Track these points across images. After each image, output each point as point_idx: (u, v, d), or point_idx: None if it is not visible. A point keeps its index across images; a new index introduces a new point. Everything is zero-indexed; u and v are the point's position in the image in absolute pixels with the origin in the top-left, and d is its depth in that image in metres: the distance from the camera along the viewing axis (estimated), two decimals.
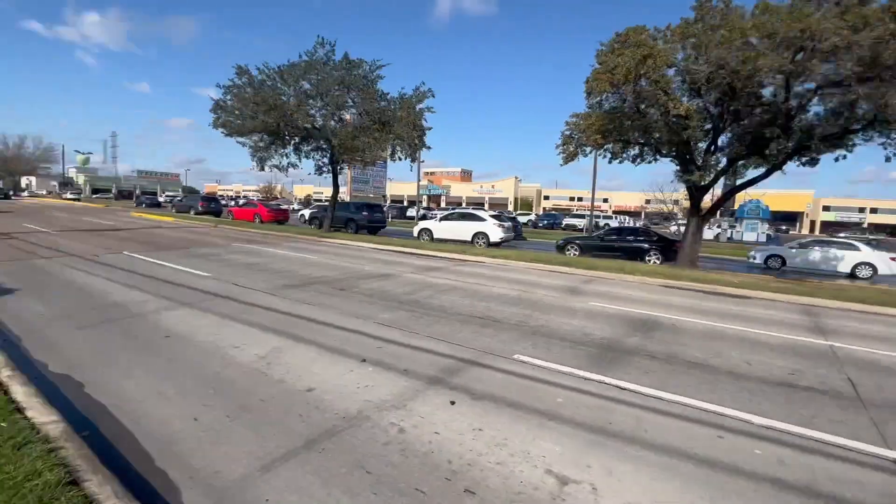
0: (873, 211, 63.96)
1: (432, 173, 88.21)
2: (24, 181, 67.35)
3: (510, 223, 19.41)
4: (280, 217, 26.96)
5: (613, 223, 35.19)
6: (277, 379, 3.84)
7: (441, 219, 19.01)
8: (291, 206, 33.56)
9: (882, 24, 8.15)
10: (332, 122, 18.79)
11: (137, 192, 53.77)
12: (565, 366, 4.44)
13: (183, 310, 5.93)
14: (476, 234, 17.61)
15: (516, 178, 79.64)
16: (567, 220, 40.25)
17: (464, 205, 72.39)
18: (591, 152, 15.16)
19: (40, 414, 2.85)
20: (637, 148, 14.09)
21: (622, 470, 2.75)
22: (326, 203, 28.12)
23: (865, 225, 56.35)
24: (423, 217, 35.40)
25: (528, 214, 40.12)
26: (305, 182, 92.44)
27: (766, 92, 10.87)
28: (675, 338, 5.72)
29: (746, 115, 11.23)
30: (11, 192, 52.03)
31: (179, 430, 2.98)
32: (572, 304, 7.50)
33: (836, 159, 11.49)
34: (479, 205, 69.64)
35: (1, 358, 3.70)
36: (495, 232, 17.41)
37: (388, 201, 53.67)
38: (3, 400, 2.93)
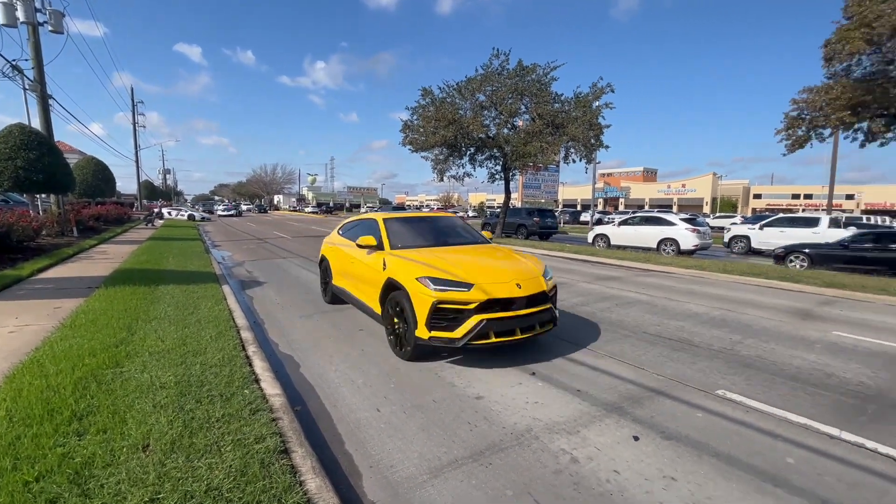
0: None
1: (609, 174, 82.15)
2: (276, 199, 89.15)
3: (707, 228, 16.48)
4: None
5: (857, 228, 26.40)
6: (449, 382, 3.94)
7: (620, 223, 17.37)
8: (466, 214, 35.83)
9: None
10: (505, 130, 19.17)
11: (347, 205, 70.20)
12: (798, 414, 3.38)
13: None
14: (663, 241, 15.49)
15: (714, 174, 67.90)
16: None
17: (646, 207, 65.32)
18: (830, 135, 11.74)
19: (270, 386, 3.51)
20: None
21: None
22: (498, 210, 28.95)
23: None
24: (599, 221, 33.23)
25: (732, 217, 33.37)
26: (479, 190, 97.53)
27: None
28: None
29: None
30: (267, 208, 70.50)
31: (365, 419, 3.28)
32: (805, 331, 5.79)
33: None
34: (665, 207, 61.85)
35: (250, 336, 4.76)
36: (687, 238, 14.99)
37: (560, 206, 52.15)
38: (248, 371, 3.71)
